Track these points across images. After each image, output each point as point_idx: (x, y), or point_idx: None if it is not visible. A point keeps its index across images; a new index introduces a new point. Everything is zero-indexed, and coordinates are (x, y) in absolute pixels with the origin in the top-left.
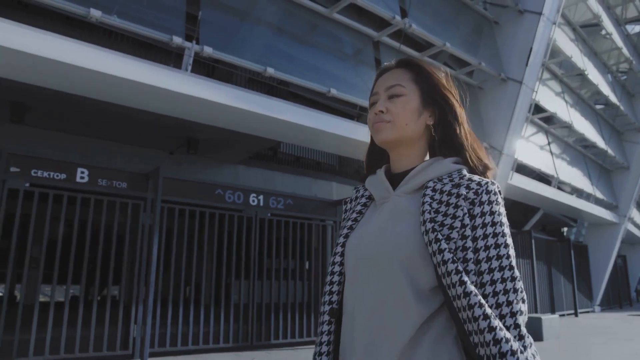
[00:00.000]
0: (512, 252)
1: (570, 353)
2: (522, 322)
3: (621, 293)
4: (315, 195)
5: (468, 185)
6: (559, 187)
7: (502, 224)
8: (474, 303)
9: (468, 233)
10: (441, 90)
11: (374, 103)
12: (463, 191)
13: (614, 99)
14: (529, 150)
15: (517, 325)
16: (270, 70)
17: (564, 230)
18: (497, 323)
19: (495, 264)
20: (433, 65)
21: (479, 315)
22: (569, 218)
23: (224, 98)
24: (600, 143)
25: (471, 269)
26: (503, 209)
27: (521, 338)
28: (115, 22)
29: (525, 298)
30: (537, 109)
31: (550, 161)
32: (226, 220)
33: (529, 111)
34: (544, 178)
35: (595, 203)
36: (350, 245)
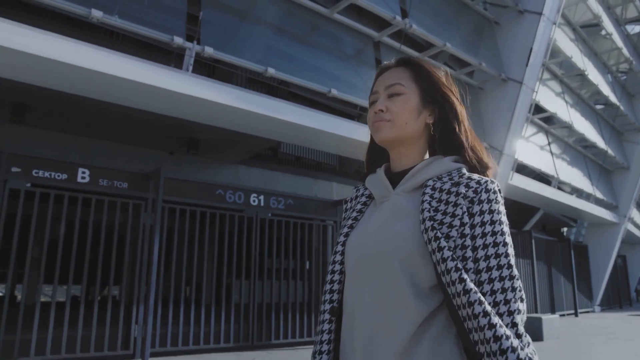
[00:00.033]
0: (511, 251)
1: (570, 353)
2: (520, 321)
3: (621, 293)
4: (315, 195)
5: (467, 183)
6: (559, 187)
7: (501, 222)
8: (473, 300)
9: (467, 231)
10: (441, 89)
11: (373, 102)
12: (462, 190)
13: (614, 99)
14: (529, 151)
15: (515, 324)
16: (271, 71)
17: (564, 230)
18: (497, 320)
19: (494, 262)
20: (433, 64)
21: (479, 313)
22: (569, 218)
23: (224, 98)
24: (600, 143)
25: (470, 267)
26: (503, 208)
27: (519, 337)
28: (117, 23)
29: (524, 297)
30: (538, 109)
31: (551, 161)
32: (227, 220)
33: (529, 111)
34: (544, 178)
35: (595, 203)
36: (351, 244)
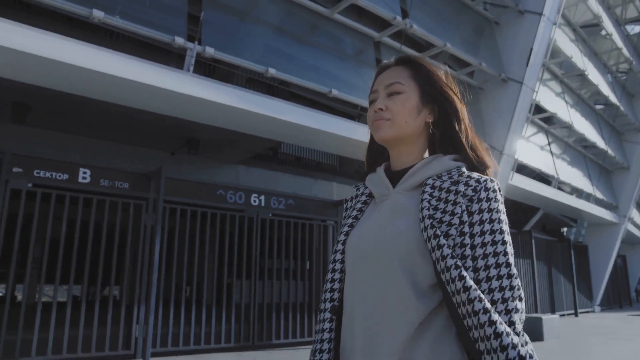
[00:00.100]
0: (510, 249)
1: (570, 353)
2: (518, 320)
3: (621, 293)
4: (315, 195)
5: (467, 182)
6: (559, 187)
7: (500, 221)
8: (473, 297)
9: (466, 230)
10: (441, 87)
11: (373, 101)
12: (462, 188)
13: (614, 99)
14: (529, 151)
15: (512, 323)
16: (272, 71)
17: (564, 230)
18: (498, 317)
19: (492, 260)
20: (433, 63)
21: (479, 310)
22: (569, 218)
23: (224, 98)
24: (600, 143)
25: (469, 265)
26: (502, 206)
27: (516, 335)
28: (118, 23)
29: (522, 296)
30: (538, 109)
31: (551, 161)
32: (228, 221)
33: (530, 111)
34: (544, 178)
35: (595, 203)
36: (351, 243)
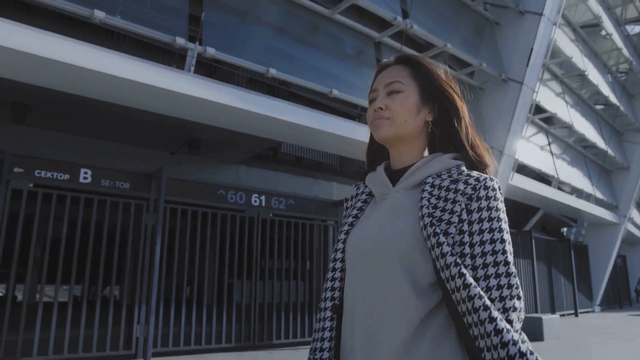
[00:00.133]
0: (509, 248)
1: (571, 353)
2: (516, 319)
3: (621, 293)
4: (316, 195)
5: (466, 180)
6: (559, 188)
7: (500, 219)
8: (473, 294)
9: (465, 228)
10: (441, 85)
11: (373, 100)
12: (461, 186)
13: (614, 99)
14: (529, 151)
15: (510, 322)
16: (273, 71)
17: (564, 230)
18: (498, 314)
19: (490, 259)
20: (432, 62)
21: (480, 306)
22: (569, 218)
23: (225, 98)
24: (601, 143)
25: (468, 263)
26: (502, 205)
27: (517, 333)
28: (119, 24)
29: (521, 294)
30: (538, 110)
31: (551, 161)
32: (228, 221)
33: (530, 112)
34: (544, 178)
35: (595, 203)
36: (351, 242)
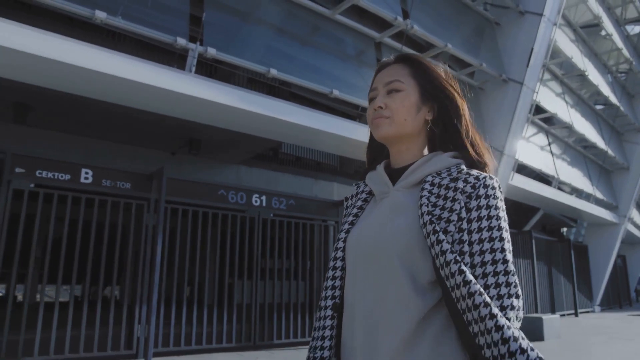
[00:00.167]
0: (508, 246)
1: (571, 353)
2: (514, 317)
3: (621, 293)
4: (316, 195)
5: (466, 179)
6: (559, 188)
7: (499, 217)
8: (474, 291)
9: (465, 226)
10: (441, 84)
11: (373, 98)
12: (460, 185)
13: (614, 99)
14: (529, 151)
15: (507, 320)
16: (274, 72)
17: (564, 230)
18: (498, 311)
19: (488, 257)
20: (432, 61)
21: (480, 303)
22: (569, 218)
23: (225, 99)
24: (601, 143)
25: (467, 262)
26: (501, 203)
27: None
28: (120, 24)
29: (520, 293)
30: (538, 110)
31: (551, 161)
32: (229, 221)
33: (530, 112)
34: (544, 178)
35: (595, 203)
36: (351, 241)
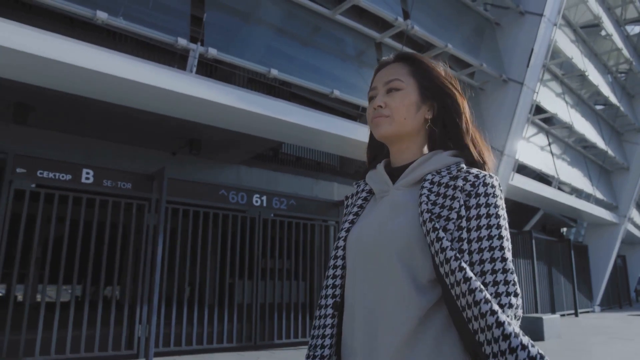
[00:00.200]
0: (507, 244)
1: (571, 353)
2: (512, 316)
3: (621, 293)
4: (316, 195)
5: (465, 177)
6: (559, 188)
7: (498, 216)
8: (474, 287)
9: (464, 224)
10: (441, 82)
11: (372, 97)
12: (460, 183)
13: (614, 99)
14: (529, 151)
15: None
16: (274, 72)
17: (564, 230)
18: (499, 307)
19: (487, 255)
20: (432, 60)
21: (481, 299)
22: (569, 218)
23: (226, 99)
24: (601, 144)
25: (466, 260)
26: (501, 202)
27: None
28: (121, 25)
29: (519, 291)
30: (538, 110)
31: (551, 162)
32: (230, 221)
33: (530, 112)
34: (544, 178)
35: (595, 203)
36: (351, 239)
